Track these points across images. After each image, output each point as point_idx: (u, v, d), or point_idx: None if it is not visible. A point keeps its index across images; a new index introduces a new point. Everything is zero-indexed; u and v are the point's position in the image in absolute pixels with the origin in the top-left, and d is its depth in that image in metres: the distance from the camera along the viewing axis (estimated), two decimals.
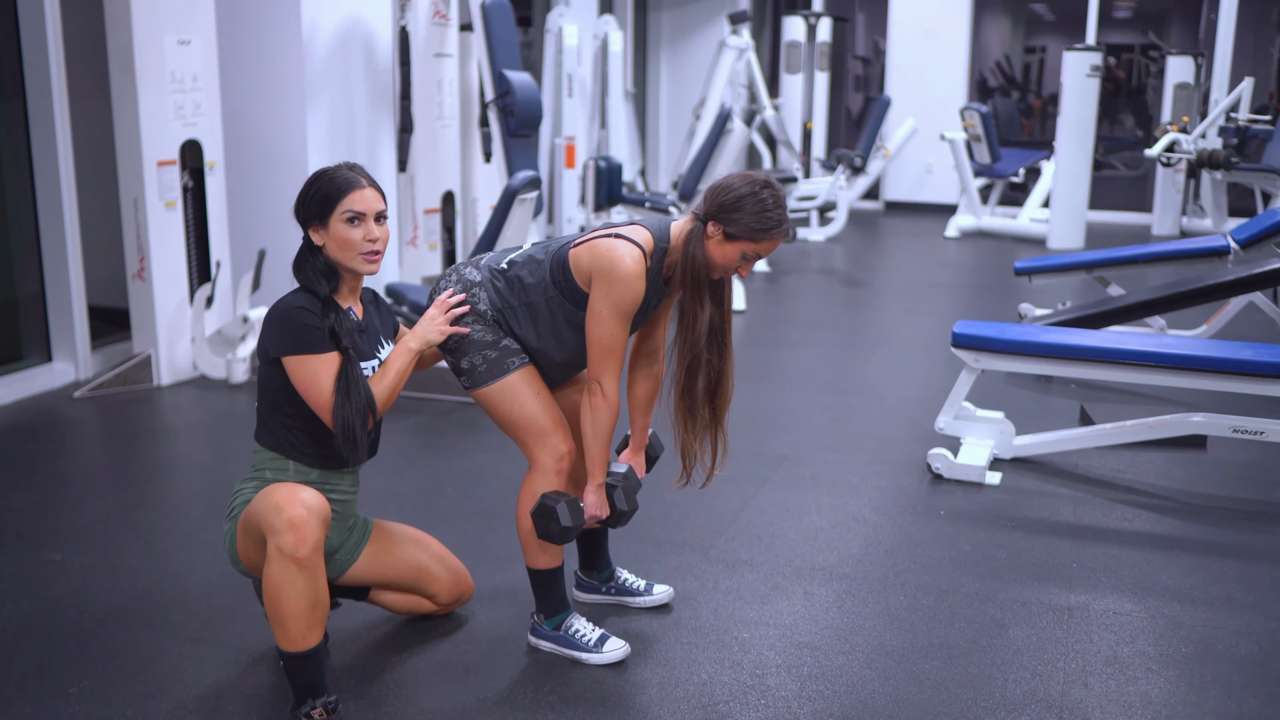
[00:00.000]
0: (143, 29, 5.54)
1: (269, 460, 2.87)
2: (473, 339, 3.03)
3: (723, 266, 2.95)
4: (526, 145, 6.37)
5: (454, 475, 4.66)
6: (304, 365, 2.70)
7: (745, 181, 2.91)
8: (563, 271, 3.00)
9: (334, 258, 2.78)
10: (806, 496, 4.46)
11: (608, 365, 2.96)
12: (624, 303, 2.91)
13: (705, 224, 2.92)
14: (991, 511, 4.33)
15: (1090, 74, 10.39)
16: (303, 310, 2.71)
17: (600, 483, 3.09)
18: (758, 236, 2.89)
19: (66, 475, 4.65)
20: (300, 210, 2.78)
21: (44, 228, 5.79)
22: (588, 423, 3.02)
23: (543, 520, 3.01)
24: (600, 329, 2.93)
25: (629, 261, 2.88)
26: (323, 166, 2.82)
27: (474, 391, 3.08)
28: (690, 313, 2.98)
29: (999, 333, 4.73)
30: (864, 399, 5.82)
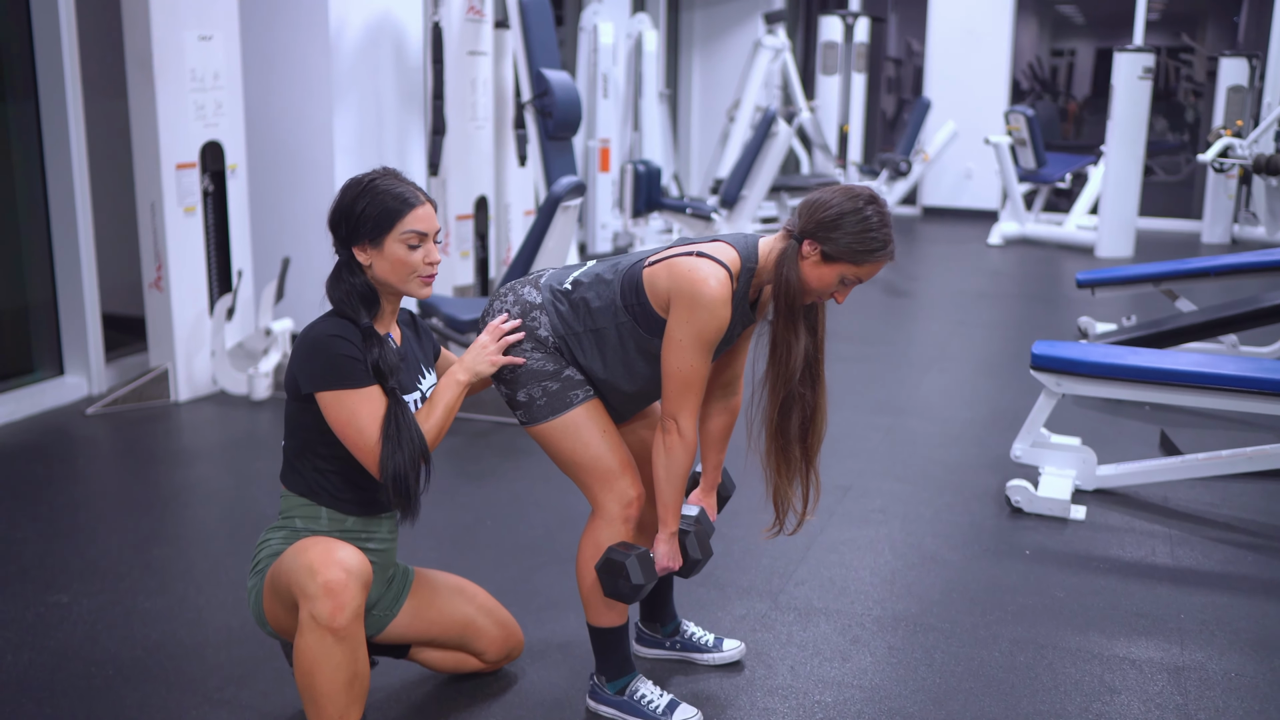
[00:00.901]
0: (161, 24, 5.23)
1: (298, 506, 2.54)
2: (531, 368, 2.69)
3: (818, 291, 2.61)
4: (564, 148, 6.04)
5: (494, 505, 4.32)
6: (341, 402, 2.37)
7: (846, 196, 2.56)
8: (636, 293, 2.65)
9: (383, 279, 2.46)
10: (877, 532, 4.10)
11: (686, 400, 2.62)
12: (706, 331, 2.56)
13: (800, 243, 2.58)
14: (1081, 551, 3.97)
15: (1142, 76, 10.00)
16: (339, 340, 2.38)
17: (673, 531, 2.75)
18: (860, 258, 2.55)
19: (76, 502, 4.32)
20: (344, 226, 2.44)
21: (56, 233, 5.49)
22: (661, 465, 2.68)
23: (610, 577, 2.66)
24: (679, 360, 2.59)
25: (713, 284, 2.54)
26: (362, 174, 2.48)
27: (532, 428, 2.74)
28: (783, 343, 2.64)
29: (1083, 354, 4.37)
30: (925, 421, 5.45)
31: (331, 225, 2.45)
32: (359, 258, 2.43)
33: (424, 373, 2.63)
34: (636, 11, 10.66)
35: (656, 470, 2.69)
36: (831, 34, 12.10)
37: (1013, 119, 11.17)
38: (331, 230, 2.45)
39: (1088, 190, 11.20)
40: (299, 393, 2.43)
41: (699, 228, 7.76)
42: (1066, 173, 11.38)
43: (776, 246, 2.63)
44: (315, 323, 2.44)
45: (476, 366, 2.62)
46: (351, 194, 2.43)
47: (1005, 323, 7.87)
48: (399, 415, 2.39)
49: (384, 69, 6.58)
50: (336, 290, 2.44)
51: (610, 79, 9.21)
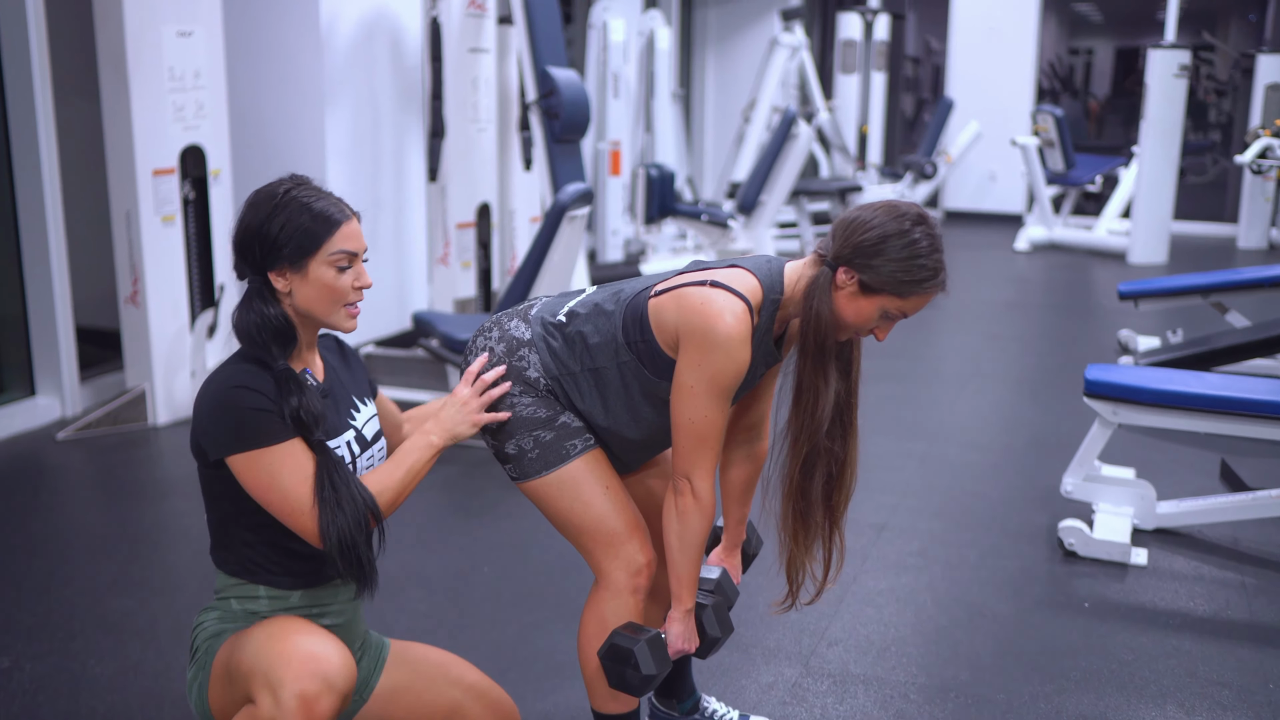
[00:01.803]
0: (136, 19, 4.85)
1: (233, 586, 2.12)
2: (520, 416, 2.29)
3: (854, 326, 2.20)
4: (571, 152, 5.63)
5: (492, 548, 3.91)
6: (258, 464, 1.97)
7: (890, 215, 2.15)
8: (640, 328, 2.25)
9: (305, 309, 2.05)
10: (917, 581, 3.69)
11: (700, 457, 2.22)
12: (723, 376, 2.16)
13: (834, 270, 2.18)
14: (1146, 604, 3.55)
15: (1178, 74, 9.56)
16: (245, 391, 1.97)
17: (688, 608, 2.34)
18: (905, 290, 2.15)
19: (34, 543, 3.92)
20: (258, 248, 2.02)
21: (26, 244, 5.12)
22: (673, 532, 2.27)
23: (616, 666, 2.26)
24: (691, 409, 2.18)
25: (729, 320, 2.13)
26: (271, 185, 2.06)
27: (524, 484, 2.34)
28: (810, 389, 2.23)
29: (1144, 380, 3.95)
30: (961, 447, 5.03)
31: (239, 247, 2.03)
32: (276, 284, 2.03)
33: (357, 406, 2.22)
34: (648, 8, 10.25)
35: (668, 538, 2.29)
36: (850, 31, 11.68)
37: (1041, 119, 10.75)
38: (239, 253, 2.04)
39: (1119, 193, 10.77)
40: (207, 459, 2.02)
41: (715, 235, 7.35)
42: (1097, 175, 10.95)
43: (806, 274, 2.23)
44: (215, 372, 2.04)
45: (455, 429, 2.21)
46: (264, 209, 2.02)
47: (1040, 336, 7.45)
48: (332, 471, 1.99)
49: (379, 67, 6.18)
50: (245, 324, 2.03)
51: (621, 78, 8.80)
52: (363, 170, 6.09)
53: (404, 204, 6.44)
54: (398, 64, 6.30)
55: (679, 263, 7.98)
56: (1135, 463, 4.49)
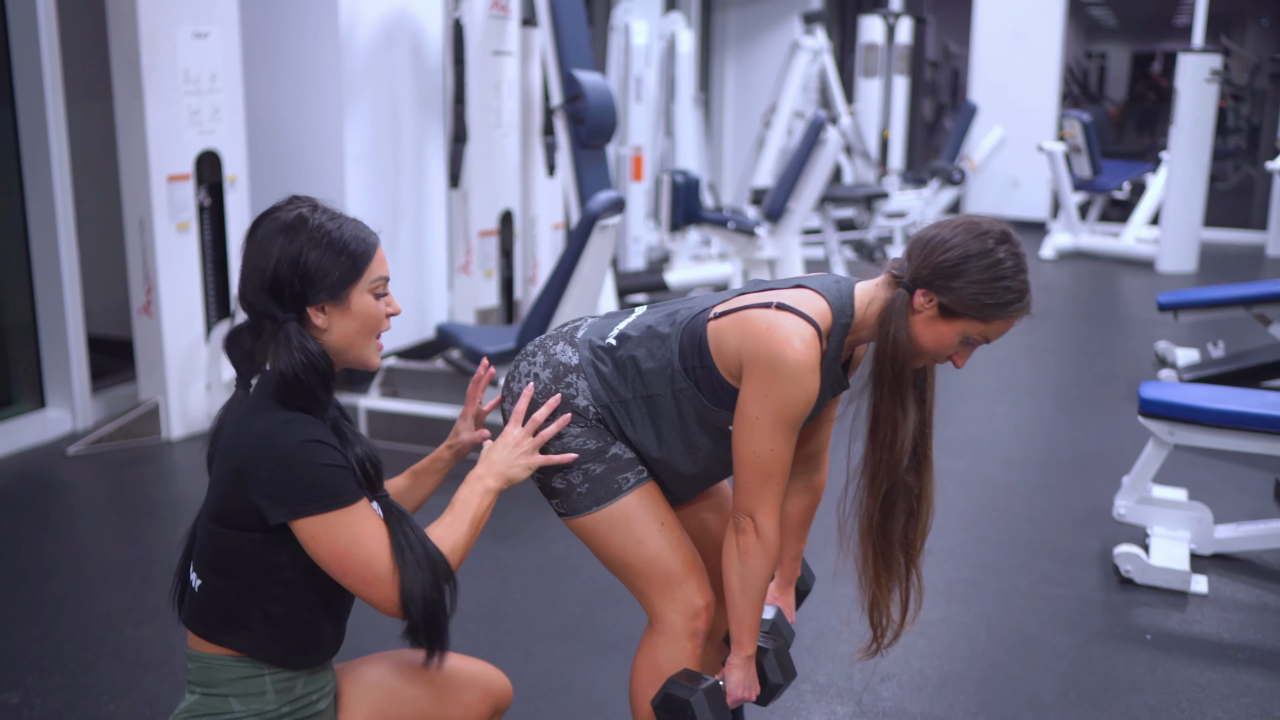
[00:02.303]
0: (151, 19, 4.69)
1: (235, 678, 1.82)
2: (569, 447, 2.13)
3: (933, 352, 2.04)
4: (597, 158, 5.47)
5: (522, 573, 3.74)
6: (334, 528, 1.74)
7: (971, 234, 1.98)
8: (698, 353, 2.08)
9: (341, 346, 1.85)
10: (969, 610, 3.52)
11: (765, 493, 2.05)
12: (791, 406, 1.99)
13: (911, 292, 2.01)
14: (1211, 636, 3.38)
15: (1209, 79, 9.37)
16: (320, 446, 1.75)
17: (750, 654, 2.16)
18: (989, 314, 1.97)
19: (45, 566, 3.76)
20: (297, 282, 1.79)
21: (36, 251, 4.97)
22: (734, 574, 2.10)
23: (672, 717, 2.09)
24: (756, 442, 2.01)
25: (798, 346, 1.97)
26: (281, 213, 1.84)
27: (571, 520, 2.18)
28: (888, 421, 2.06)
29: (1203, 400, 3.77)
30: (1002, 465, 4.85)
31: (272, 285, 1.79)
32: (315, 320, 1.82)
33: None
34: (669, 11, 10.09)
35: (729, 579, 2.11)
36: (872, 35, 11.50)
37: (1068, 125, 10.56)
38: (270, 292, 1.79)
39: (1147, 200, 10.57)
40: (256, 522, 1.78)
41: (741, 243, 7.17)
42: (1124, 181, 10.75)
43: (878, 295, 2.06)
44: (258, 421, 1.78)
45: (510, 472, 2.03)
46: (295, 241, 1.80)
47: (1073, 347, 7.26)
48: (405, 529, 1.81)
49: (400, 70, 6.02)
50: (291, 368, 1.77)
51: (643, 82, 8.64)
52: (382, 176, 5.92)
53: (424, 211, 6.27)
54: (418, 67, 6.14)
55: (703, 271, 7.82)
56: (1182, 481, 4.32)
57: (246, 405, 1.82)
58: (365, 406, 5.00)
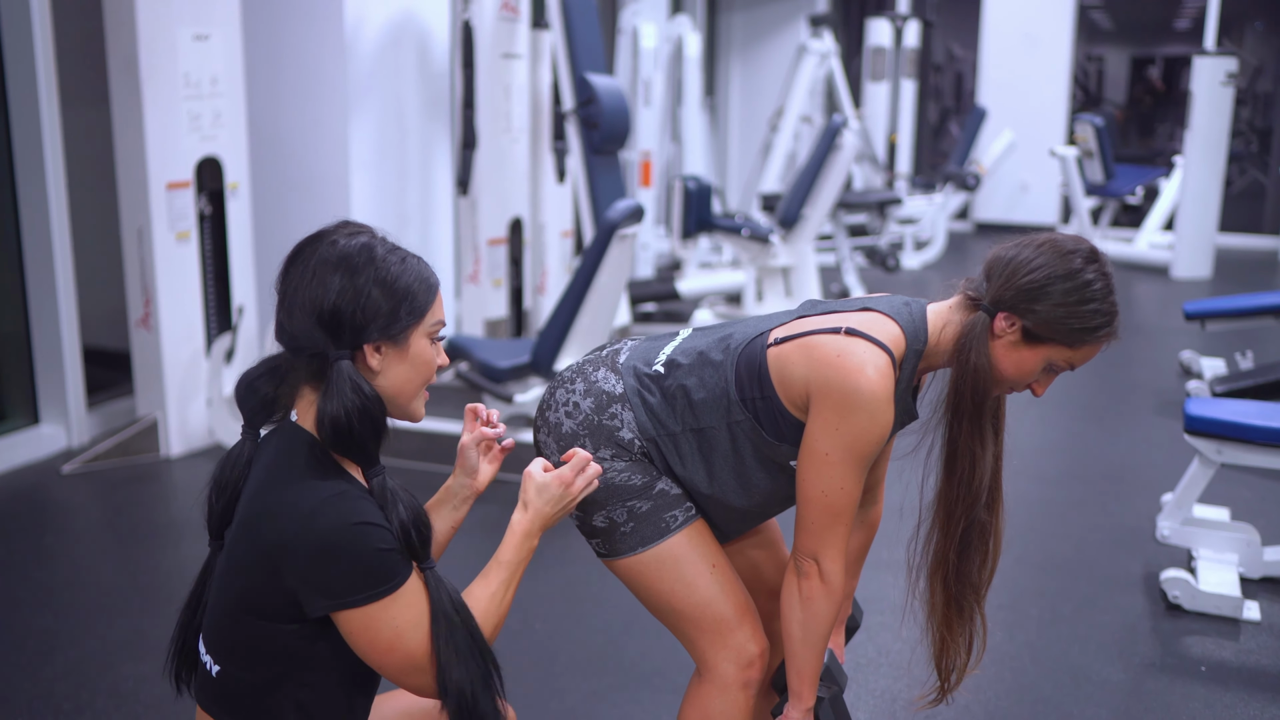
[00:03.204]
0: (150, 21, 4.52)
1: None
2: (612, 483, 1.96)
3: (1013, 381, 1.89)
4: (611, 164, 5.30)
5: (542, 601, 3.56)
6: (379, 618, 1.55)
7: (1056, 253, 1.83)
8: (758, 383, 1.92)
9: (391, 392, 1.65)
10: (1012, 639, 3.34)
11: (832, 534, 1.88)
12: (864, 441, 1.83)
13: (992, 316, 1.85)
14: (1270, 669, 3.21)
15: (1225, 82, 9.22)
16: (370, 529, 1.54)
17: (809, 708, 1.99)
18: (1076, 339, 1.83)
19: (39, 593, 3.58)
20: (359, 316, 1.59)
21: (30, 261, 4.81)
22: (795, 621, 1.93)
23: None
24: (825, 480, 1.85)
25: (873, 376, 1.81)
26: (333, 238, 1.65)
27: (614, 562, 2.01)
28: (967, 455, 1.91)
29: (1253, 418, 3.60)
30: (1032, 481, 4.68)
31: (330, 320, 1.59)
32: (370, 362, 1.62)
33: None
34: (675, 14, 9.92)
35: (788, 626, 1.94)
36: (880, 38, 11.34)
37: (1080, 129, 10.40)
38: (327, 328, 1.59)
39: (1160, 205, 10.41)
40: (298, 613, 1.57)
41: (755, 250, 7.00)
42: (1137, 186, 10.60)
43: (953, 319, 1.91)
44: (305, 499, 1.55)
45: (556, 518, 1.82)
46: (362, 273, 1.60)
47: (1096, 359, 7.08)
48: (447, 606, 1.60)
49: (407, 73, 5.86)
50: (343, 416, 1.56)
51: (651, 86, 8.47)
52: (388, 183, 5.75)
53: (431, 218, 6.10)
54: (425, 70, 5.97)
55: (715, 279, 7.65)
56: (1222, 500, 4.16)
57: (271, 469, 1.60)
58: None
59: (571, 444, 1.98)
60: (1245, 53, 13.74)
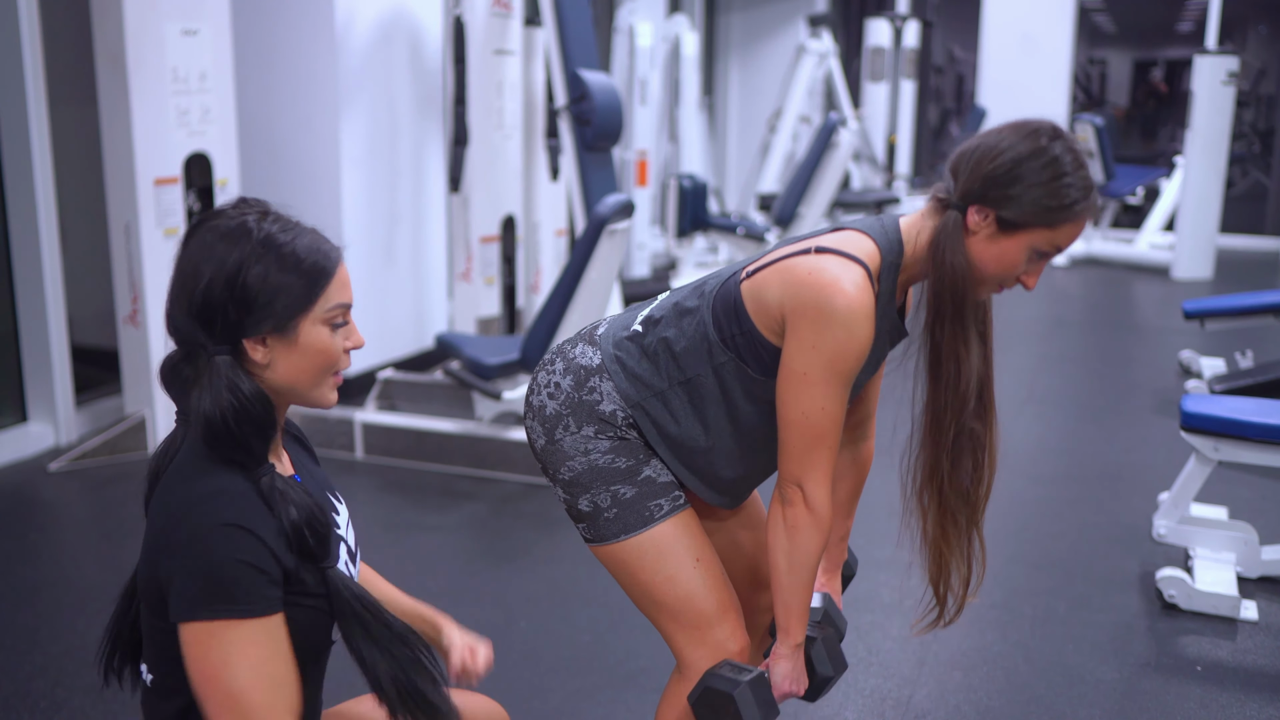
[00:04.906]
0: (137, 15, 4.48)
1: None
2: (595, 465, 1.91)
3: (998, 275, 1.83)
4: (603, 161, 5.24)
5: (527, 599, 3.51)
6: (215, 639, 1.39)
7: (1020, 134, 1.78)
8: (735, 319, 1.87)
9: (285, 384, 1.51)
10: (1006, 638, 3.29)
11: (815, 459, 1.83)
12: (842, 357, 1.77)
13: (963, 212, 1.80)
14: (1268, 668, 3.16)
15: (1226, 82, 9.16)
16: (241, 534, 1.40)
17: (798, 643, 1.93)
18: (1056, 217, 1.77)
19: (21, 593, 3.54)
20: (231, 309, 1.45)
21: (17, 258, 4.76)
22: (780, 551, 1.87)
23: (712, 715, 1.86)
24: (804, 400, 1.80)
25: (849, 289, 1.76)
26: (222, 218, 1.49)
27: (598, 548, 1.96)
28: (951, 359, 1.85)
29: (1252, 414, 3.56)
30: (1029, 480, 4.63)
31: (202, 310, 1.45)
32: (253, 355, 1.48)
33: (335, 507, 1.69)
34: (673, 13, 9.88)
35: (774, 558, 1.88)
36: (879, 38, 11.30)
37: (1080, 129, 10.36)
38: (200, 318, 1.45)
39: (1161, 205, 10.36)
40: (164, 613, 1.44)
41: (750, 249, 6.96)
42: (1138, 186, 10.55)
43: (926, 225, 1.85)
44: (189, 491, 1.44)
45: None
46: (234, 255, 1.45)
47: (1092, 356, 7.05)
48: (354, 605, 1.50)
49: (398, 70, 5.81)
50: (217, 413, 1.44)
51: (648, 85, 8.42)
52: (380, 180, 5.70)
53: (423, 216, 6.05)
54: (417, 67, 5.93)
55: None
56: (1219, 498, 4.12)
57: (182, 454, 1.50)
58: (361, 420, 4.78)
59: (555, 425, 1.93)
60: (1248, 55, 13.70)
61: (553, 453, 1.94)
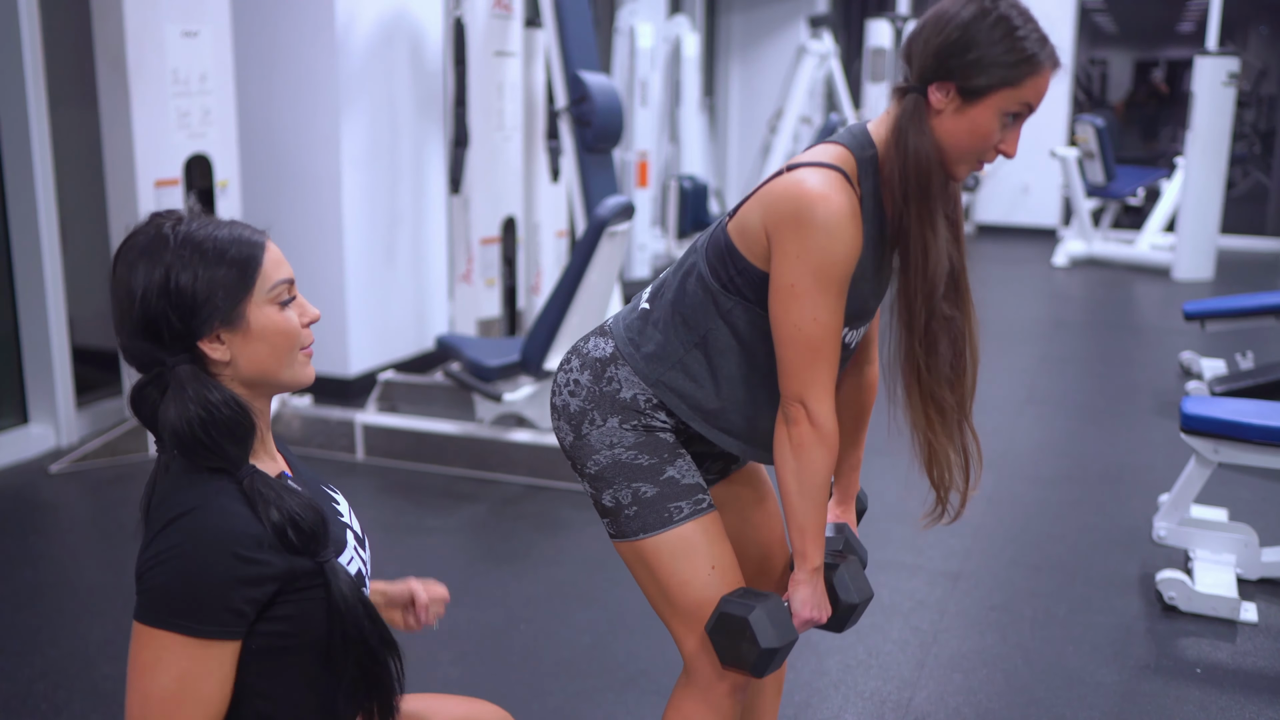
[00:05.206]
0: (137, 17, 4.48)
1: None
2: (619, 461, 1.90)
3: (975, 148, 1.78)
4: (604, 162, 5.25)
5: (528, 601, 3.51)
6: (152, 645, 1.39)
7: (961, 3, 1.76)
8: (729, 261, 1.86)
9: (255, 373, 1.50)
10: (1005, 640, 3.29)
11: (814, 371, 1.80)
12: (831, 262, 1.75)
13: (924, 93, 1.78)
14: (1267, 670, 3.16)
15: (1226, 82, 9.16)
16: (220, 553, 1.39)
17: (816, 566, 1.89)
18: (1018, 74, 1.74)
19: (22, 593, 3.54)
20: (174, 317, 1.43)
21: (18, 259, 4.77)
22: (789, 471, 1.84)
23: (728, 641, 1.83)
24: (795, 313, 1.78)
25: (826, 192, 1.74)
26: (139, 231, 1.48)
27: (619, 544, 1.95)
28: (919, 242, 1.81)
29: (1252, 416, 3.55)
30: (1029, 483, 4.63)
31: (145, 327, 1.44)
32: (213, 355, 1.46)
33: (333, 496, 1.69)
34: (674, 14, 9.88)
35: (784, 481, 1.85)
36: (880, 39, 11.28)
37: (1080, 130, 10.35)
38: (147, 335, 1.44)
39: (1162, 206, 10.35)
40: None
41: None
42: (1139, 187, 10.54)
43: (890, 119, 1.83)
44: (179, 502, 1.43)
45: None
46: (158, 264, 1.44)
47: (1093, 357, 7.04)
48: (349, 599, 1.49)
49: (398, 71, 5.81)
50: (184, 425, 1.42)
51: (649, 86, 8.42)
52: (380, 181, 5.71)
53: (424, 217, 6.06)
54: (418, 68, 5.93)
55: None
56: (1220, 500, 4.12)
57: (173, 467, 1.48)
58: (361, 422, 4.78)
59: (581, 421, 1.92)
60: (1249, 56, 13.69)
61: (580, 448, 1.93)
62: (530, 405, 4.48)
